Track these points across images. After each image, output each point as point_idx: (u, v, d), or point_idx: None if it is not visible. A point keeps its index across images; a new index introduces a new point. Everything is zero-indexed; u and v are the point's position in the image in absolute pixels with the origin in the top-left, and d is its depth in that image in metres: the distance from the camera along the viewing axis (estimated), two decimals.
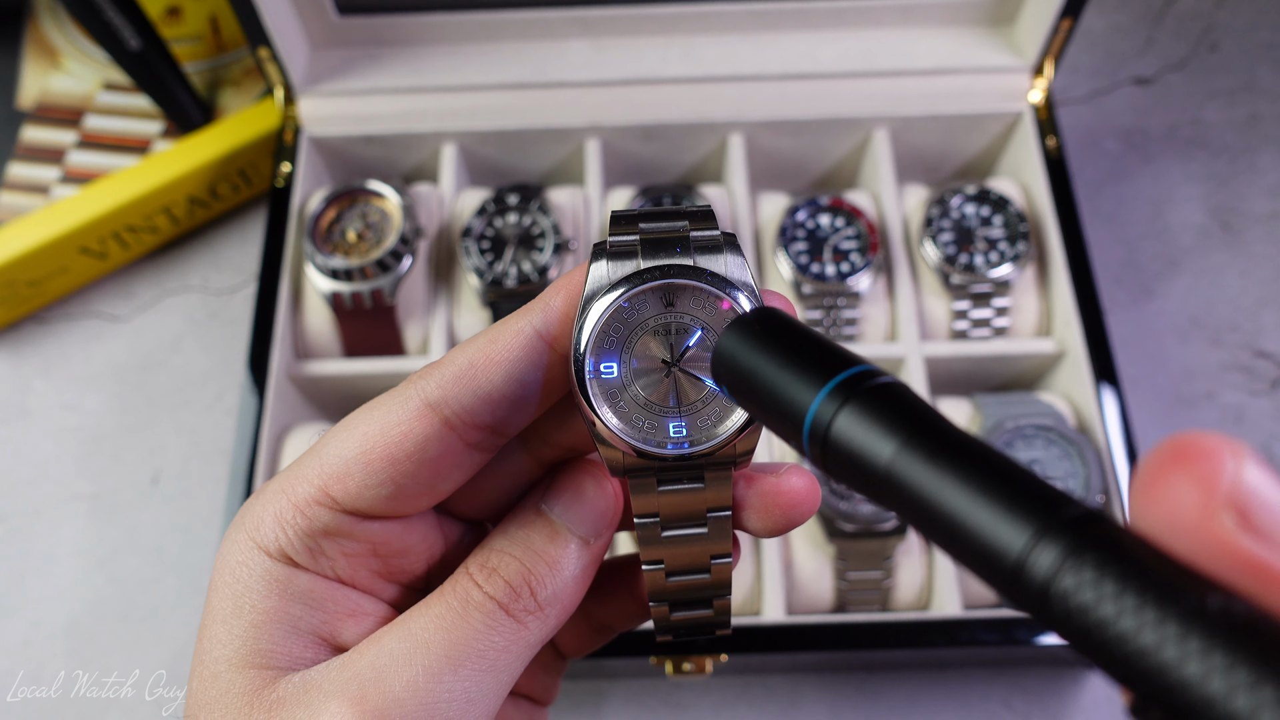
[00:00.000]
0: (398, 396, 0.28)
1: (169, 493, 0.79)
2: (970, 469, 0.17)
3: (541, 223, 0.77)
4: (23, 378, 0.84)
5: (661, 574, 0.30)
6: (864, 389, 0.20)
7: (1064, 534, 0.16)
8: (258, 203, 0.91)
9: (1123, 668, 0.14)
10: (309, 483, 0.28)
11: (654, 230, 0.28)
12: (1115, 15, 1.00)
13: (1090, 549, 0.15)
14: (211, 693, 0.27)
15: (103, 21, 0.76)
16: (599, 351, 0.28)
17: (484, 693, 0.27)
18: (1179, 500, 0.15)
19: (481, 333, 0.28)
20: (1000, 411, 0.71)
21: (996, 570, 0.16)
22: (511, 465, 0.31)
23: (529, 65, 0.81)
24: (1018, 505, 0.16)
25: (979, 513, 0.17)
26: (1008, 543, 0.16)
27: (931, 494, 0.18)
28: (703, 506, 0.29)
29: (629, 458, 0.28)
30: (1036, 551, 0.16)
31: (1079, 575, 0.15)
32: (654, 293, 0.28)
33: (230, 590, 0.28)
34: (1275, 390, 0.82)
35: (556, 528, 0.29)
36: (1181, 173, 0.92)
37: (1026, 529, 0.16)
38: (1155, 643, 0.14)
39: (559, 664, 0.35)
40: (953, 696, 0.72)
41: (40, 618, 0.75)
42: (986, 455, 0.18)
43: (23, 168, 0.85)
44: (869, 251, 0.76)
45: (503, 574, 0.28)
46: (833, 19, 0.81)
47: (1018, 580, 0.16)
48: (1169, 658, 0.14)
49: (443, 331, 0.76)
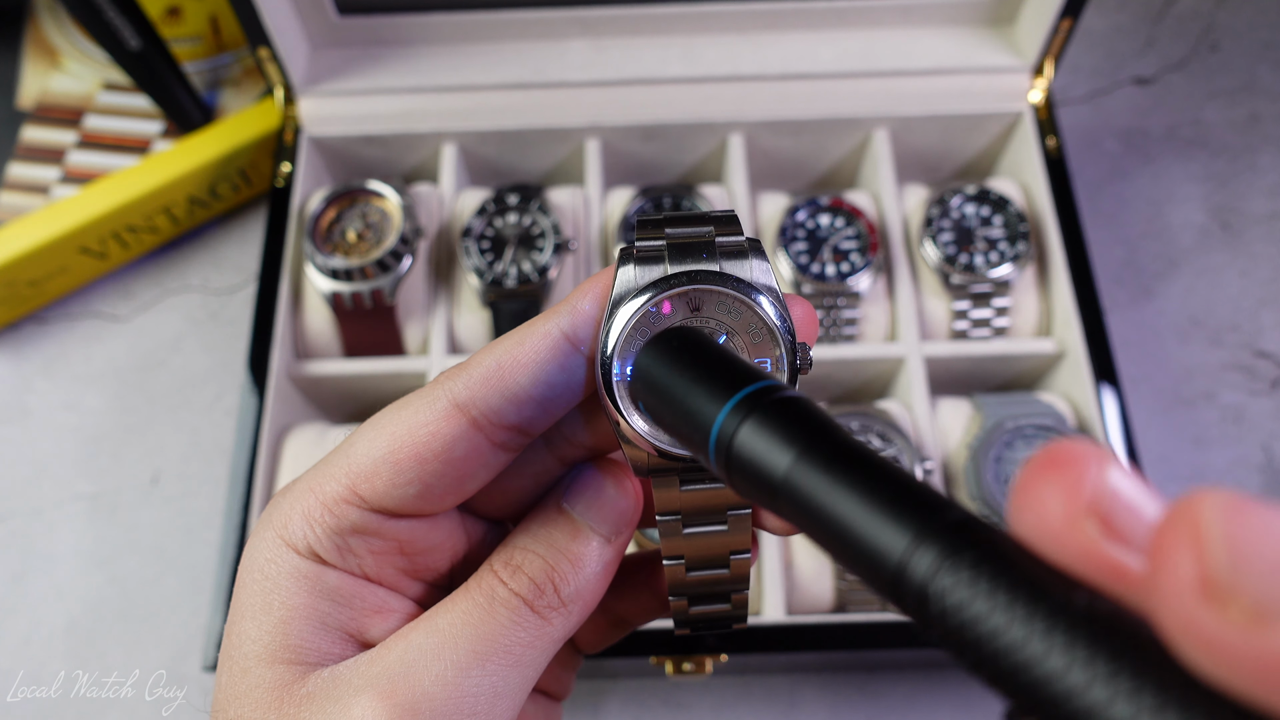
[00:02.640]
0: (426, 397, 0.28)
1: (169, 493, 0.79)
2: (859, 478, 0.18)
3: (541, 223, 0.77)
4: (23, 378, 0.84)
5: (682, 568, 0.30)
6: (766, 402, 0.20)
7: (942, 537, 0.16)
8: (258, 203, 0.91)
9: (992, 666, 0.15)
10: (337, 481, 0.28)
11: (680, 235, 0.29)
12: (1115, 15, 1.00)
13: (966, 551, 0.16)
14: (241, 687, 0.27)
15: (103, 21, 0.76)
16: (626, 354, 0.28)
17: (510, 687, 0.28)
18: (1047, 507, 0.15)
19: (509, 334, 0.29)
20: (1000, 411, 0.71)
21: (881, 575, 0.17)
22: (534, 464, 0.32)
23: (529, 65, 0.81)
24: (899, 510, 0.17)
25: (864, 519, 0.17)
26: (889, 547, 0.17)
27: (822, 502, 0.18)
28: (723, 504, 0.29)
29: (653, 458, 0.28)
30: (916, 555, 0.16)
31: (954, 576, 0.15)
32: (680, 297, 0.28)
33: (259, 587, 0.28)
34: (1275, 390, 0.82)
35: (579, 526, 0.30)
36: (1181, 173, 0.92)
37: (906, 533, 0.17)
38: (1022, 638, 0.14)
39: (575, 659, 0.36)
40: (953, 696, 0.72)
41: (40, 618, 0.75)
42: (875, 465, 0.18)
43: (23, 168, 0.85)
44: (869, 251, 0.76)
45: (527, 571, 0.29)
46: (833, 19, 0.81)
47: (899, 583, 0.16)
48: (1034, 652, 0.14)
49: (443, 331, 0.76)
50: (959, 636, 0.15)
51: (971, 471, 0.69)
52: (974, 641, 0.15)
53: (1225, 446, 0.80)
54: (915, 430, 0.71)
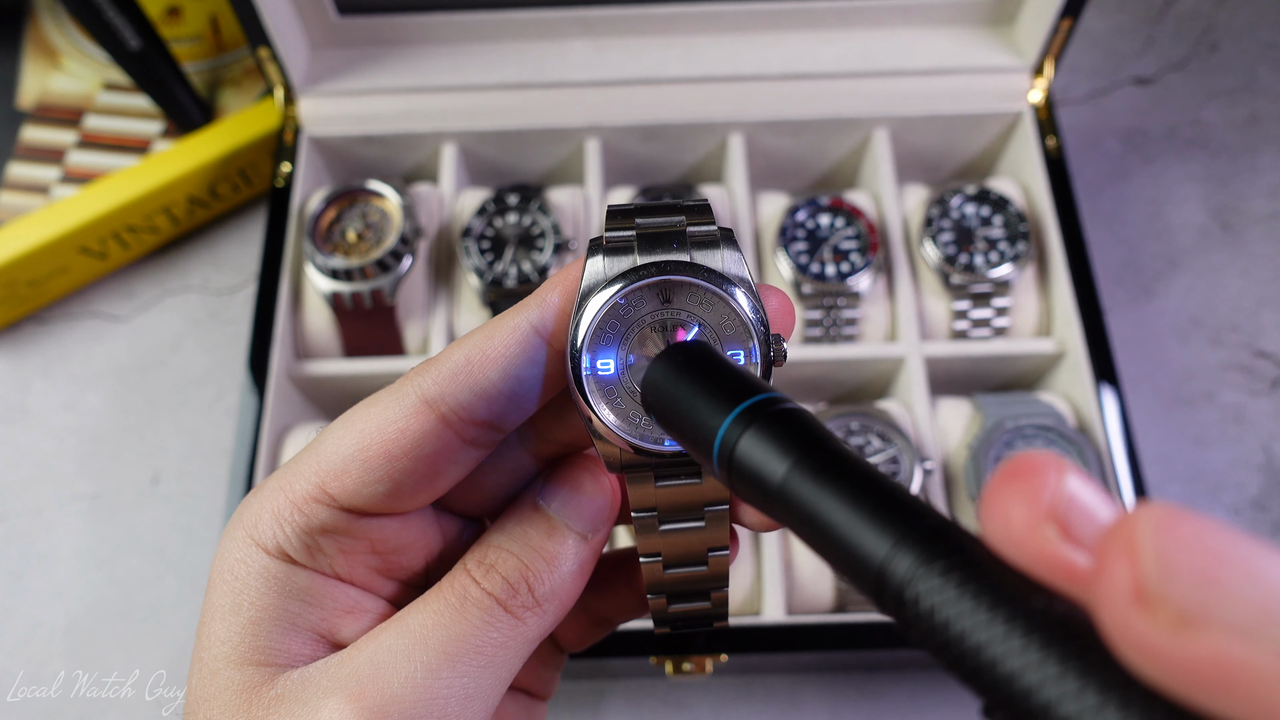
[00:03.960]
0: (394, 393, 0.28)
1: (169, 493, 0.79)
2: (848, 485, 0.19)
3: (541, 223, 0.77)
4: (23, 378, 0.84)
5: (659, 566, 0.30)
6: (766, 414, 0.22)
7: (919, 543, 0.17)
8: (258, 203, 0.91)
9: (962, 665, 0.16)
10: (306, 480, 0.28)
11: (650, 225, 0.28)
12: (1115, 15, 1.00)
13: (940, 557, 0.17)
14: (210, 689, 0.27)
15: (103, 21, 0.76)
16: (595, 348, 0.27)
17: (482, 689, 0.27)
18: (1010, 514, 0.16)
19: (478, 329, 0.28)
20: (1000, 411, 0.71)
21: (864, 578, 0.18)
22: (509, 461, 0.31)
23: (529, 65, 0.81)
24: (882, 518, 0.18)
25: (851, 525, 0.19)
26: (872, 551, 0.18)
27: (815, 509, 0.19)
28: (700, 501, 0.29)
29: (626, 454, 0.28)
30: (895, 559, 0.17)
31: (928, 581, 0.17)
32: (651, 288, 0.27)
33: (228, 587, 0.28)
34: (1275, 390, 0.82)
35: (554, 524, 0.29)
36: (1181, 173, 0.92)
37: (887, 539, 0.18)
38: (985, 640, 0.15)
39: (558, 658, 0.35)
40: (953, 696, 0.72)
41: (40, 618, 0.75)
42: (865, 474, 0.20)
43: (23, 168, 0.85)
44: (869, 251, 0.76)
45: (500, 570, 0.28)
46: (833, 19, 0.81)
47: (881, 586, 0.18)
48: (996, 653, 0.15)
49: (443, 331, 0.76)
50: (934, 637, 0.16)
51: (971, 471, 0.69)
52: (946, 642, 0.16)
53: (1225, 446, 0.80)
54: (915, 430, 0.71)
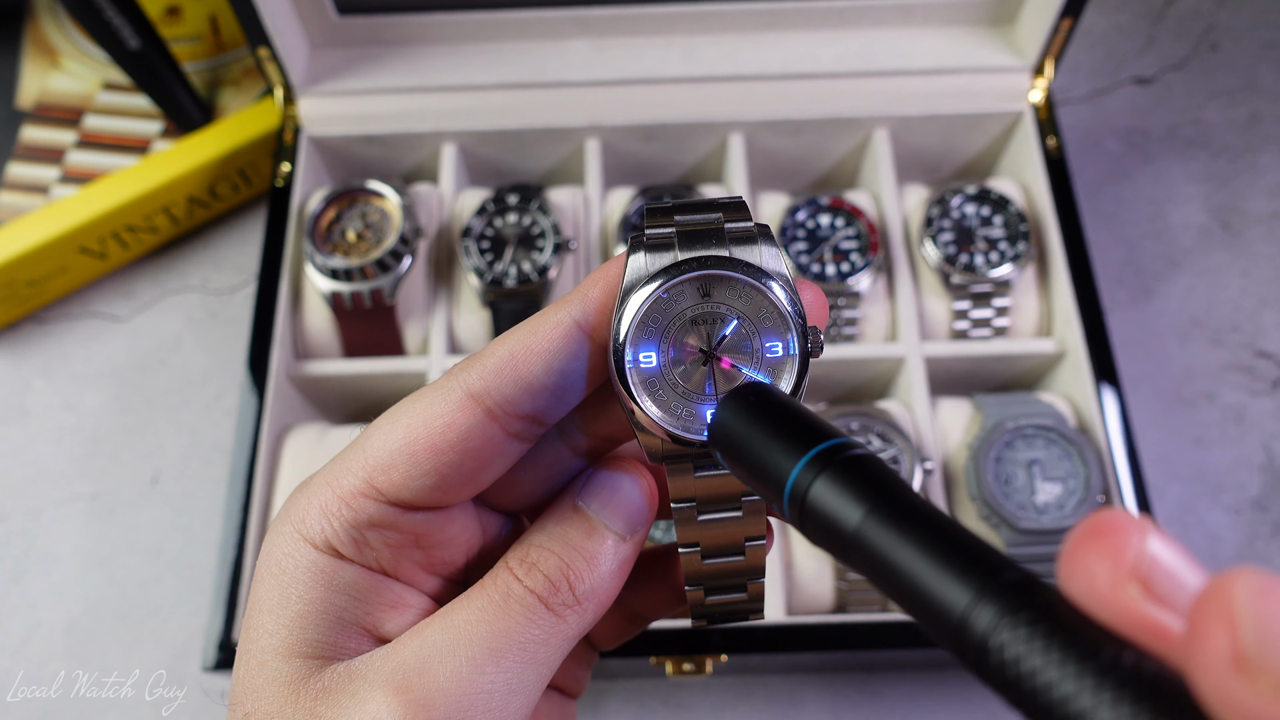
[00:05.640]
0: (440, 388, 0.28)
1: (169, 493, 0.79)
2: (925, 535, 0.20)
3: (541, 223, 0.77)
4: (22, 378, 0.84)
5: (698, 556, 0.30)
6: (839, 460, 0.22)
7: (1002, 595, 0.18)
8: (258, 203, 0.91)
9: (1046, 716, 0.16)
10: (354, 475, 0.28)
11: (689, 222, 0.29)
12: (1115, 15, 1.00)
13: (1024, 609, 0.17)
14: (258, 680, 0.27)
15: (103, 21, 0.76)
16: (638, 341, 0.28)
17: (525, 684, 0.28)
18: (1094, 572, 0.17)
19: (521, 324, 0.29)
20: (1000, 411, 0.71)
21: (944, 626, 0.19)
22: (549, 456, 0.32)
23: (529, 65, 0.81)
24: (963, 568, 0.19)
25: (930, 575, 0.19)
26: (953, 601, 0.18)
27: (891, 557, 0.20)
28: (738, 491, 0.30)
29: (667, 444, 0.29)
30: (978, 610, 0.18)
31: (1013, 631, 0.17)
32: (691, 283, 0.28)
33: (276, 581, 0.28)
34: (1275, 390, 0.82)
35: (593, 524, 0.30)
36: (1182, 173, 0.92)
37: (969, 590, 0.18)
38: (1073, 692, 0.16)
39: (590, 656, 0.36)
40: (953, 696, 0.72)
41: (40, 618, 0.75)
42: (941, 523, 0.20)
43: (22, 168, 0.85)
44: (869, 251, 0.76)
45: (542, 568, 0.29)
46: (833, 19, 0.81)
47: (961, 635, 0.18)
48: (1084, 706, 0.16)
49: (443, 331, 0.76)
50: (1016, 687, 0.17)
51: (972, 471, 0.69)
52: (1030, 693, 0.17)
53: (1226, 446, 0.80)
54: (915, 430, 0.71)
